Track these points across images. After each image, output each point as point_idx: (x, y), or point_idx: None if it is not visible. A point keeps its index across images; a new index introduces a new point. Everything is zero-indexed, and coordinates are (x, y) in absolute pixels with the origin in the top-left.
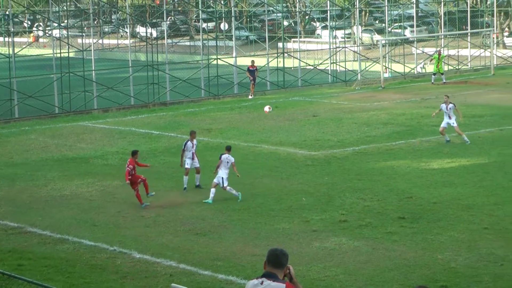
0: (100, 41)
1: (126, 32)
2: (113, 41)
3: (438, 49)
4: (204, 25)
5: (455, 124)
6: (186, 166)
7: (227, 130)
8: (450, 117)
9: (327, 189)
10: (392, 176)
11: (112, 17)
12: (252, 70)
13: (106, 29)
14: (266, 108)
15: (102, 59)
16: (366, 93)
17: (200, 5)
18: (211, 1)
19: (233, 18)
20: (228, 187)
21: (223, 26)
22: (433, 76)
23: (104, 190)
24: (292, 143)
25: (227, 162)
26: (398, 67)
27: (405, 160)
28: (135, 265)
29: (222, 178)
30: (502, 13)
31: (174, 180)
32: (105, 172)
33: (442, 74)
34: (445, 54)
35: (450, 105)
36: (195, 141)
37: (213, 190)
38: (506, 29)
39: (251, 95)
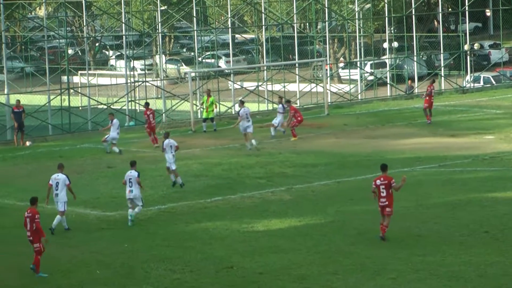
0: None
1: None
2: None
3: (208, 88)
4: None
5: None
6: None
7: None
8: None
9: (127, 258)
10: (208, 241)
11: None
12: (18, 112)
13: None
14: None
15: None
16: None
17: None
18: None
19: (3, 46)
20: None
21: None
22: (204, 123)
23: None
24: (82, 201)
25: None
26: None
27: (223, 220)
28: None
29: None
30: (335, 40)
31: None
32: None
33: (212, 120)
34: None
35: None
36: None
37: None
38: (341, 59)
39: (28, 142)
